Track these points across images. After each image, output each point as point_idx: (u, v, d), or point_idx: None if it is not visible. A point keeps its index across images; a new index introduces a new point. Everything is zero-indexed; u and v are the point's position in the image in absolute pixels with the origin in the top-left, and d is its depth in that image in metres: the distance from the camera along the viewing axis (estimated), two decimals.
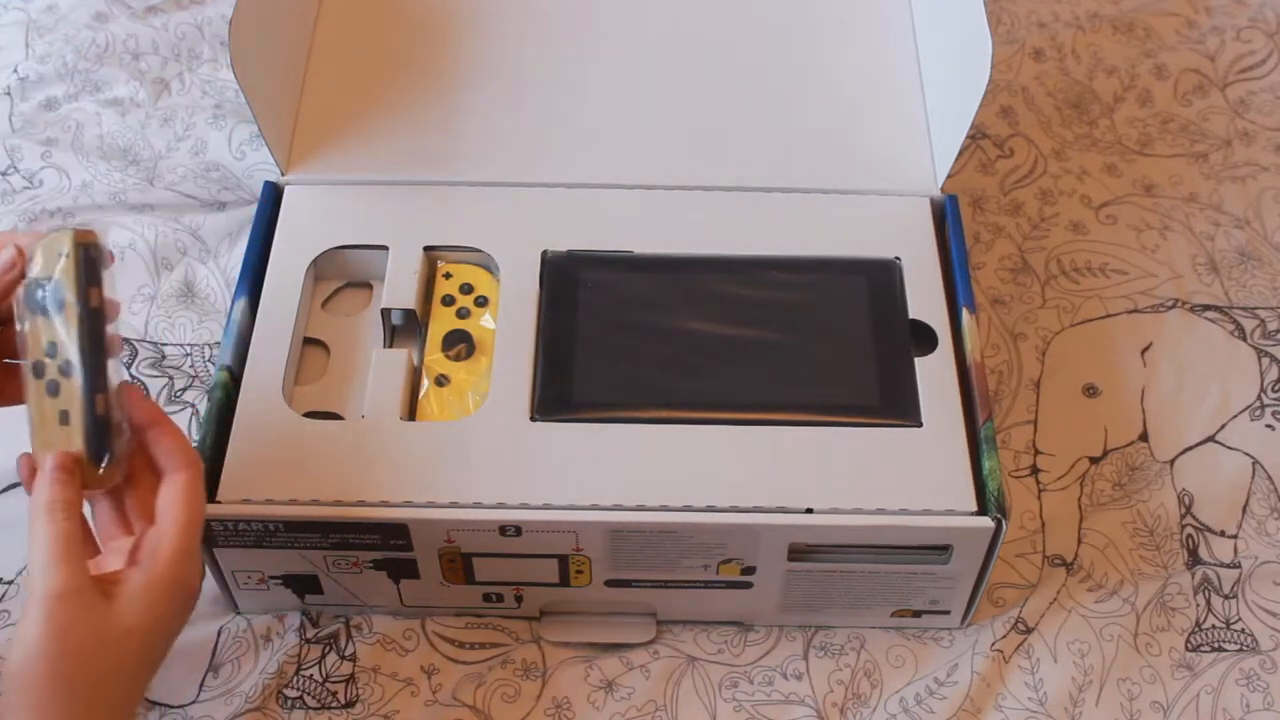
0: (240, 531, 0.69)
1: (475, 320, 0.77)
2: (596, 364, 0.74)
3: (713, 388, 0.73)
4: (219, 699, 0.73)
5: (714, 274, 0.77)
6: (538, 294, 0.76)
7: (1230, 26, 1.04)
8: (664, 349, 0.75)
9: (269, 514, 0.68)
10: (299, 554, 0.70)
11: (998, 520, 0.68)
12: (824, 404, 0.73)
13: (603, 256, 0.78)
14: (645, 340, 0.75)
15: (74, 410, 0.59)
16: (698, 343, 0.75)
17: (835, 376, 0.74)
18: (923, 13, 0.88)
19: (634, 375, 0.74)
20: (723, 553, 0.70)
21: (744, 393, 0.73)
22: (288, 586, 0.73)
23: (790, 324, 0.75)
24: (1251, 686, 0.74)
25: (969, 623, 0.75)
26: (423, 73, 0.87)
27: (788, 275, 0.77)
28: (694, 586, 0.72)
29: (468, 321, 0.77)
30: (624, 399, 0.73)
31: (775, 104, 0.86)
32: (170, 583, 0.59)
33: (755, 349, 0.75)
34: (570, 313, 0.76)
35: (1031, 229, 0.92)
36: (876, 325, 0.75)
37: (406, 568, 0.72)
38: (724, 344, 0.75)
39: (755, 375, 0.74)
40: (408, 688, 0.73)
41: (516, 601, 0.74)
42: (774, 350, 0.74)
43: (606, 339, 0.75)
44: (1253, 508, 0.80)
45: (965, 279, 0.77)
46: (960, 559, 0.70)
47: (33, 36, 1.03)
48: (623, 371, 0.74)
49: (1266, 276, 0.90)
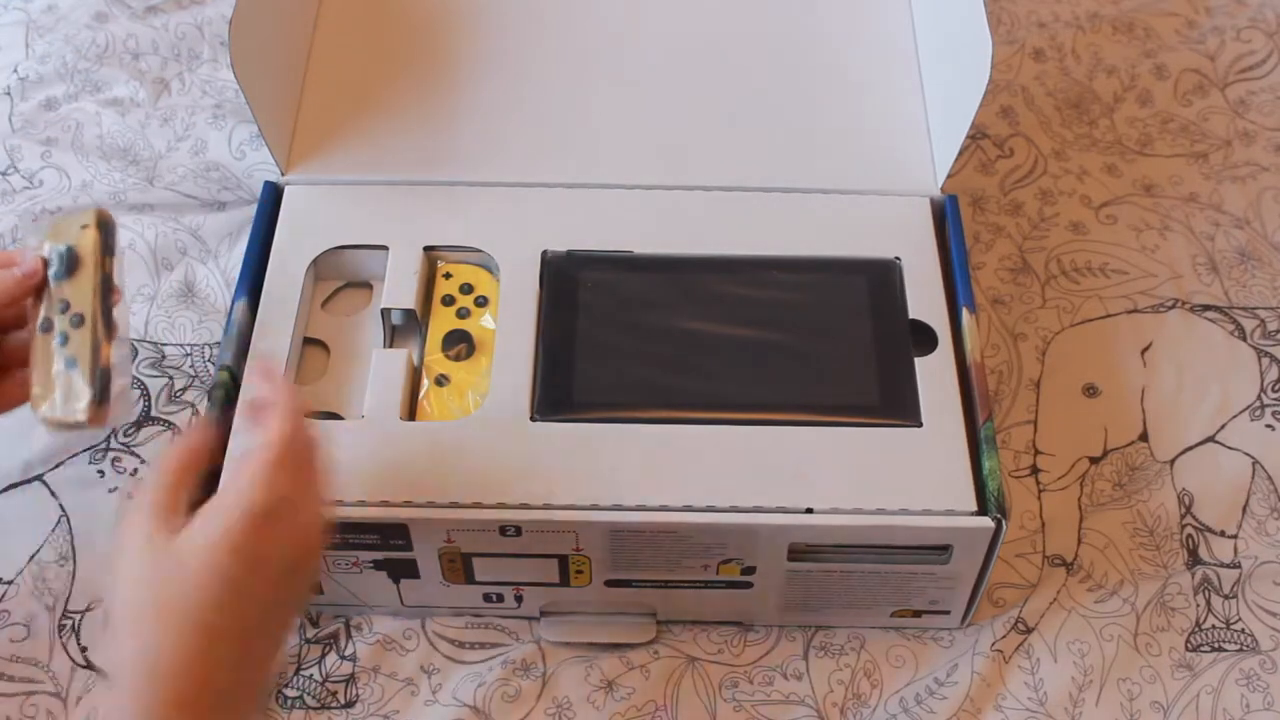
0: None
1: (475, 320, 0.77)
2: (596, 364, 0.74)
3: (712, 387, 0.73)
4: None
5: (714, 274, 0.77)
6: (537, 294, 0.76)
7: (1230, 26, 1.04)
8: (664, 349, 0.75)
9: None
10: None
11: (998, 520, 0.68)
12: (823, 404, 0.73)
13: (603, 256, 0.78)
14: (645, 340, 0.75)
15: (83, 357, 0.64)
16: (698, 342, 0.75)
17: (835, 376, 0.74)
18: (922, 13, 0.88)
19: (634, 375, 0.74)
20: (723, 553, 0.70)
21: (744, 393, 0.73)
22: None
23: (790, 324, 0.75)
24: (1251, 686, 0.74)
25: (969, 623, 0.75)
26: (423, 73, 0.87)
27: (788, 275, 0.77)
28: (694, 586, 0.72)
29: (468, 321, 0.77)
30: (624, 399, 0.73)
31: (775, 104, 0.86)
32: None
33: (755, 349, 0.75)
34: (570, 312, 0.76)
35: (1031, 229, 0.92)
36: (876, 325, 0.75)
37: (406, 567, 0.72)
38: (724, 344, 0.75)
39: (755, 375, 0.74)
40: (408, 687, 0.73)
41: (516, 601, 0.74)
42: (774, 350, 0.74)
43: (607, 339, 0.75)
44: (1253, 508, 0.80)
45: (965, 279, 0.77)
46: (960, 559, 0.70)
47: (33, 36, 1.03)
48: (623, 371, 0.74)
49: (1266, 276, 0.90)
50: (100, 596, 0.76)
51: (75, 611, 0.75)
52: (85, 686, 0.73)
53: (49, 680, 0.73)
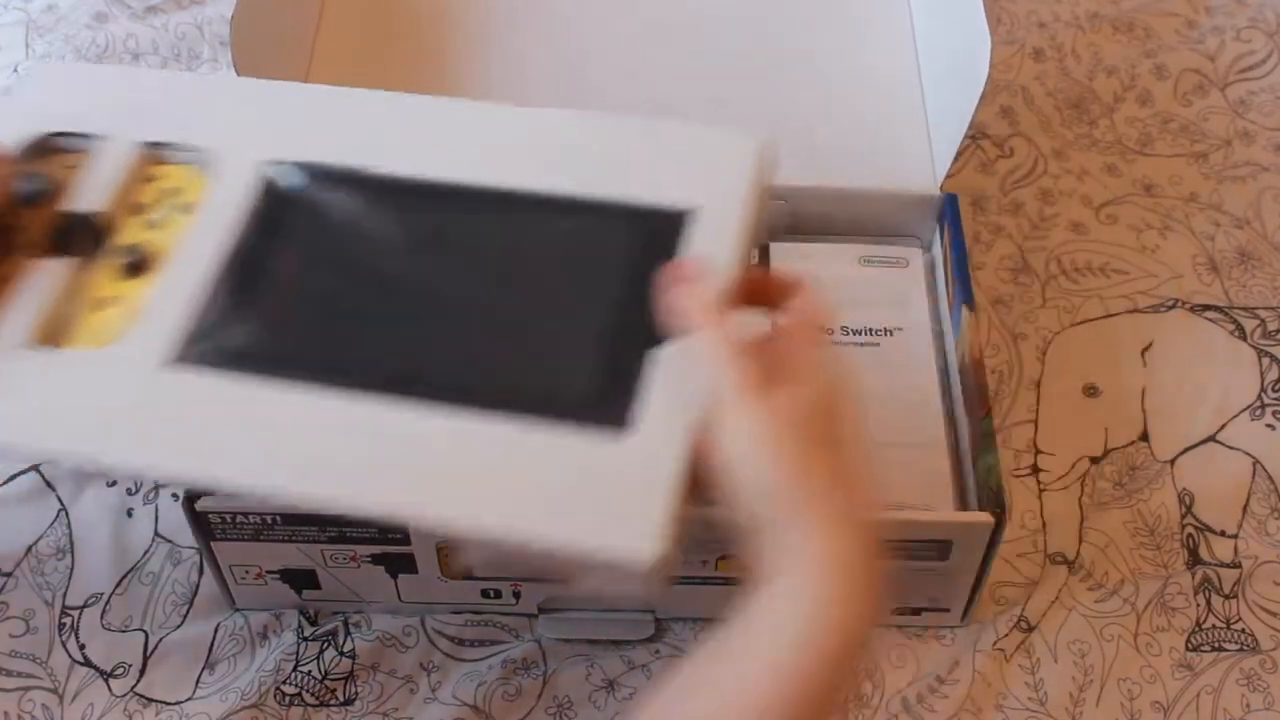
0: (238, 524, 0.69)
1: (168, 232, 0.62)
2: (266, 306, 0.59)
3: (390, 353, 0.58)
4: (215, 695, 0.73)
5: (468, 209, 0.61)
6: (244, 209, 0.61)
7: (1230, 26, 1.04)
8: (361, 298, 0.59)
9: (268, 507, 0.68)
10: (297, 548, 0.70)
11: (997, 516, 0.68)
12: (509, 392, 0.55)
13: (336, 172, 0.62)
14: (342, 282, 0.60)
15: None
16: (403, 293, 0.59)
17: (541, 358, 0.57)
18: (922, 11, 0.88)
19: (306, 326, 0.59)
20: (720, 549, 0.70)
21: (423, 366, 0.57)
22: (285, 581, 0.73)
23: (521, 280, 0.59)
24: (1251, 686, 0.74)
25: (969, 620, 0.75)
26: (424, 74, 0.87)
27: (551, 218, 0.60)
28: (692, 583, 0.72)
29: (155, 232, 0.62)
30: (286, 353, 0.58)
31: (775, 104, 0.86)
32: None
33: (466, 309, 0.59)
34: (269, 238, 0.61)
35: (1032, 229, 0.92)
36: (626, 293, 0.57)
37: (404, 562, 0.71)
38: (436, 299, 0.59)
39: (450, 344, 0.58)
40: (407, 684, 0.73)
41: (515, 597, 0.74)
42: (484, 314, 0.59)
43: (296, 276, 0.60)
44: (1253, 508, 0.80)
45: (964, 277, 0.77)
46: (960, 556, 0.70)
47: (33, 36, 1.03)
48: (293, 321, 0.59)
49: (1266, 276, 0.90)
50: (100, 591, 0.76)
51: (74, 608, 0.75)
52: (82, 683, 0.73)
53: (46, 677, 0.73)
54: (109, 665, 0.74)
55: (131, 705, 0.72)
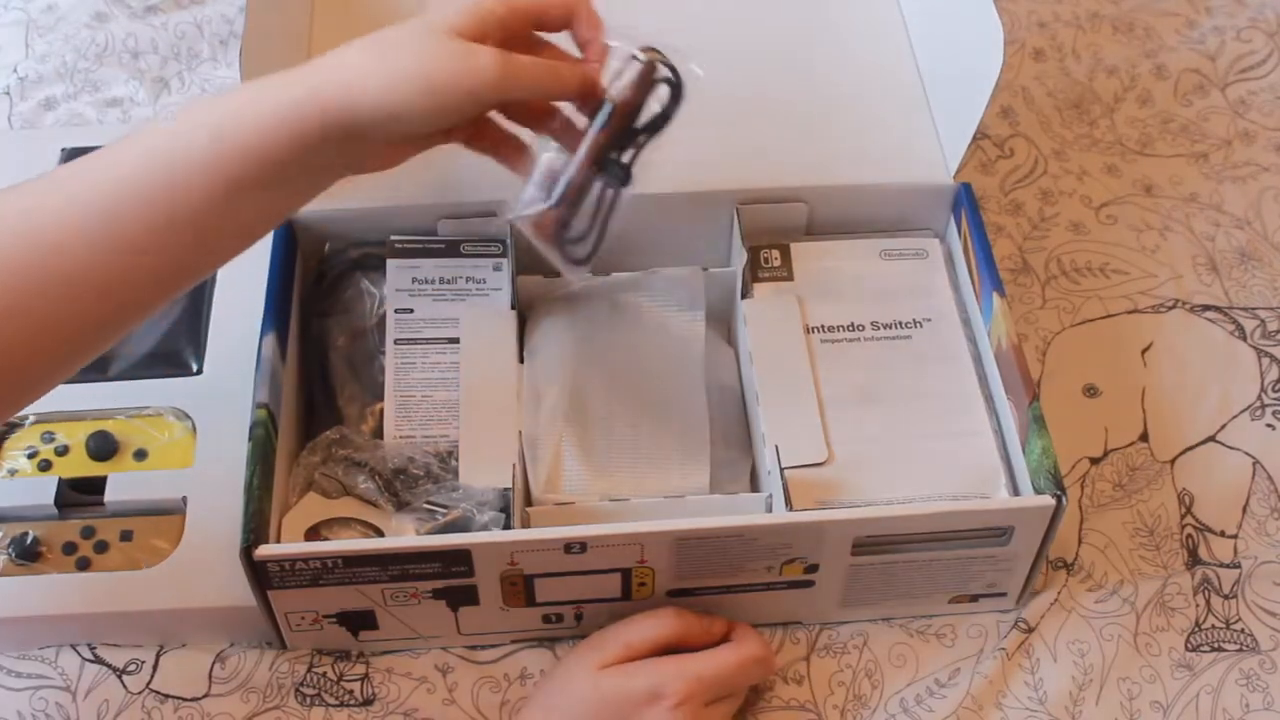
0: (297, 571, 0.67)
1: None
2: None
3: None
4: (234, 695, 0.72)
5: None
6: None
7: (1230, 26, 1.04)
8: None
9: (329, 551, 0.67)
10: (356, 590, 0.69)
11: (1058, 497, 0.68)
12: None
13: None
14: None
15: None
16: None
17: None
18: (914, 7, 0.89)
19: None
20: (788, 553, 0.69)
21: None
22: (342, 624, 0.71)
23: None
24: (1251, 686, 0.74)
25: (1025, 604, 0.76)
26: None
27: None
28: (756, 590, 0.72)
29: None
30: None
31: (778, 104, 0.86)
32: None
33: None
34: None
35: (1031, 229, 0.92)
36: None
37: (466, 594, 0.70)
38: None
39: None
40: (423, 685, 0.73)
41: (576, 620, 0.73)
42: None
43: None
44: (1253, 508, 0.80)
45: (990, 263, 0.77)
46: (1020, 539, 0.70)
47: (33, 36, 1.03)
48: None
49: (1266, 276, 0.90)
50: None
51: None
52: (94, 681, 0.72)
53: (57, 675, 0.73)
54: (121, 662, 0.73)
55: (149, 701, 0.72)
